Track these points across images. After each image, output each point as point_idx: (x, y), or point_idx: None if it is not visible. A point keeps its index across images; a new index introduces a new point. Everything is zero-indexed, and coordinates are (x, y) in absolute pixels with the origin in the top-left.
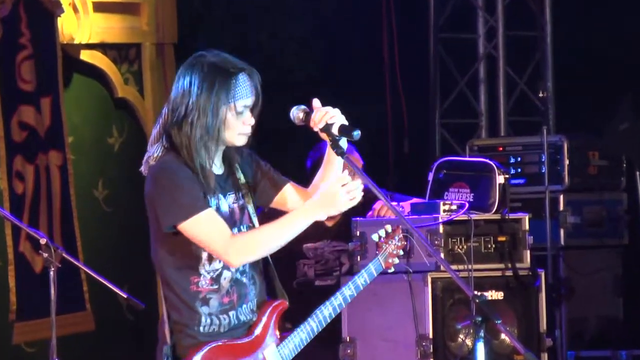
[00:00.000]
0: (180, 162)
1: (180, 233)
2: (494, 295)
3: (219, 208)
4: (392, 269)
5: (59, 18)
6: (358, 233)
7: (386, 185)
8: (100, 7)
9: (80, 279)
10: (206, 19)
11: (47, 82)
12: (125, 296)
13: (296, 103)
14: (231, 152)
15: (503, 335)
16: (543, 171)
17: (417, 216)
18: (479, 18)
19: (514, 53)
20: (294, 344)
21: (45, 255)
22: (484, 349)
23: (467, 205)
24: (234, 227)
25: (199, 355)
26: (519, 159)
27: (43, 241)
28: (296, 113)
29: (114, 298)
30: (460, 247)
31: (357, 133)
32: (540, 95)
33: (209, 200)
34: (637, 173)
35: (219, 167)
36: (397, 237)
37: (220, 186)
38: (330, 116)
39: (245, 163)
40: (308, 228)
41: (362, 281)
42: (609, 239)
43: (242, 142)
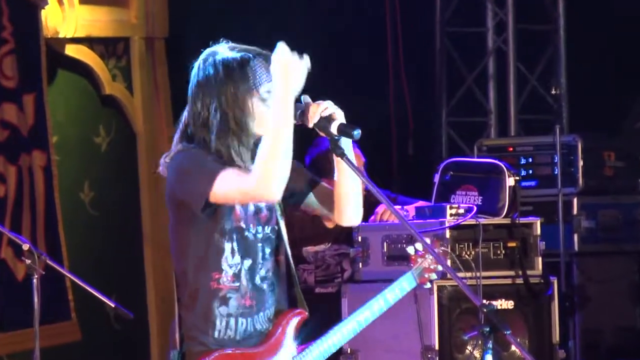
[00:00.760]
0: (203, 150)
1: (215, 210)
2: (504, 304)
3: (245, 206)
4: (428, 285)
5: (42, 10)
6: (360, 238)
7: (389, 187)
8: None
9: (65, 286)
10: (199, 11)
11: (30, 78)
12: (112, 305)
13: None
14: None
15: (513, 347)
16: (556, 173)
17: (422, 220)
18: (488, 11)
19: (525, 47)
20: (312, 358)
21: (28, 261)
22: None
23: (475, 209)
24: (259, 225)
25: None
26: (530, 159)
27: (26, 247)
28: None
29: (101, 307)
30: (467, 253)
31: (358, 132)
32: (553, 92)
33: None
34: None
35: (249, 165)
36: (436, 251)
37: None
38: (324, 108)
39: None
40: (307, 230)
41: (393, 297)
42: (625, 244)
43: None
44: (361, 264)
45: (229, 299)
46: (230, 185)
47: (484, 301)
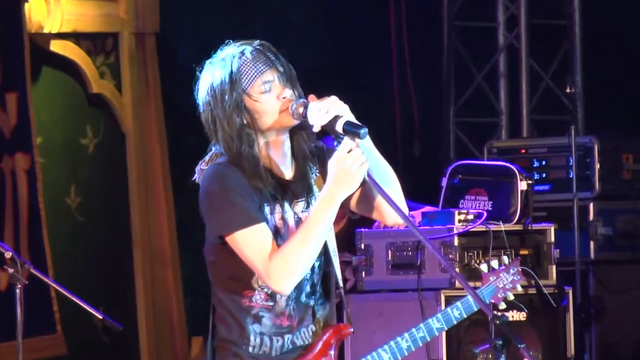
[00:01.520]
0: (232, 166)
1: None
2: (516, 315)
3: (284, 218)
4: (503, 305)
5: (26, 4)
6: (363, 246)
7: None
8: None
9: (50, 297)
10: (192, 5)
11: (13, 76)
12: (100, 317)
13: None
14: (302, 150)
15: None
16: (571, 176)
17: (429, 227)
18: (499, 4)
19: (538, 44)
20: None
21: (11, 270)
22: None
23: (485, 214)
24: None
25: None
26: (543, 162)
27: (8, 255)
28: (295, 107)
29: (88, 319)
30: (477, 261)
31: (364, 131)
32: (568, 91)
33: (266, 209)
34: None
35: (286, 169)
36: (513, 270)
37: (288, 192)
38: (330, 102)
39: (321, 162)
40: None
41: (457, 314)
42: None
43: (289, 120)
44: (364, 273)
45: (261, 317)
46: (244, 249)
47: (495, 312)
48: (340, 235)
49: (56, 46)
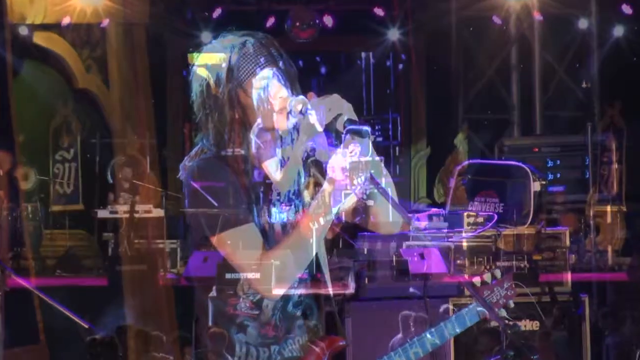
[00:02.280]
0: (219, 162)
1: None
2: (529, 325)
3: (270, 221)
4: (494, 323)
5: None
6: (365, 250)
7: None
8: None
9: (33, 305)
10: None
11: None
12: (86, 326)
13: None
14: (294, 153)
15: None
16: (587, 176)
17: (435, 230)
18: None
19: (551, 35)
20: None
21: None
22: None
23: (495, 217)
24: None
25: None
26: (557, 162)
27: None
28: (294, 105)
29: (73, 328)
30: (487, 266)
31: (367, 130)
32: (584, 85)
33: (255, 210)
34: None
35: (275, 170)
36: (506, 285)
37: (275, 194)
38: (332, 100)
39: (315, 166)
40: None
41: (451, 330)
42: None
43: (282, 121)
44: (367, 279)
45: (246, 326)
46: (228, 250)
47: (507, 321)
48: (337, 240)
49: (39, 38)
